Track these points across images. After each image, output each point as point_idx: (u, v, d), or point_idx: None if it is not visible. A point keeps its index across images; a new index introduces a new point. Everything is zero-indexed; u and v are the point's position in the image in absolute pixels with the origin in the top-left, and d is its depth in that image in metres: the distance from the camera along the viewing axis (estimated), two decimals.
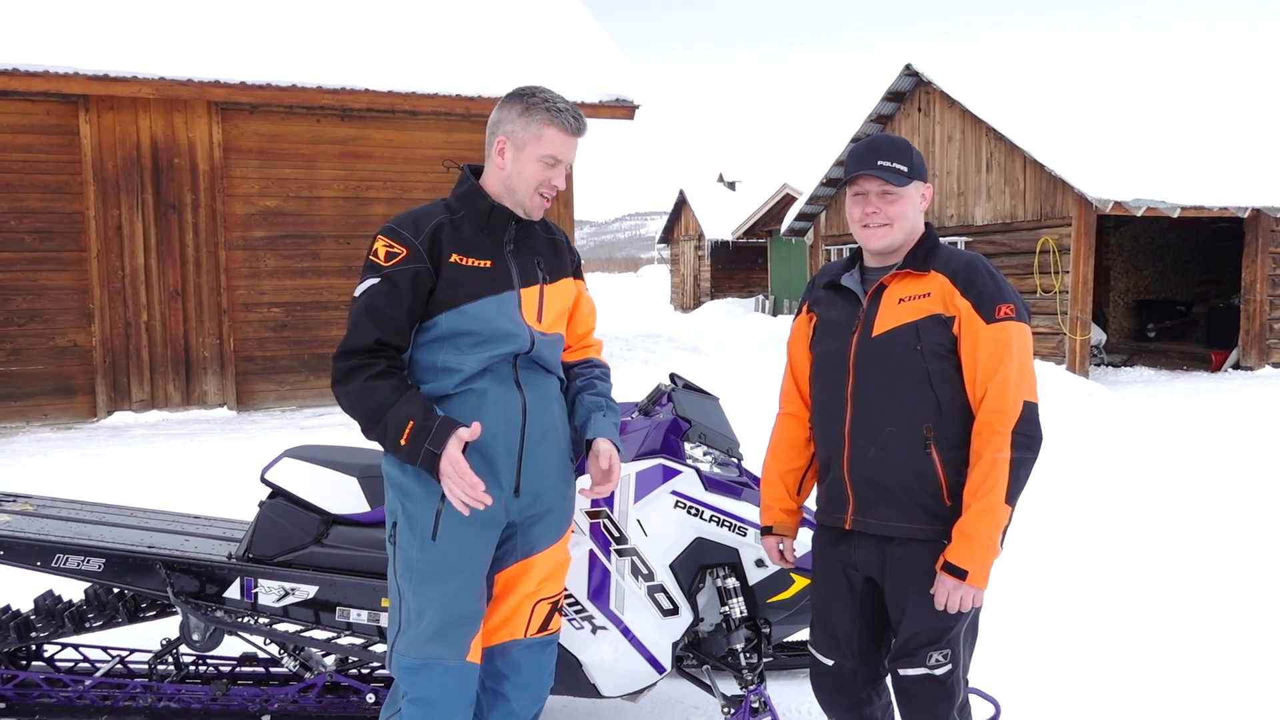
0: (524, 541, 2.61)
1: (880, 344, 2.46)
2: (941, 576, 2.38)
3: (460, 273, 2.46)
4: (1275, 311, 14.87)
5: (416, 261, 2.43)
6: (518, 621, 2.66)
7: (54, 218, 10.28)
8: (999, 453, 2.33)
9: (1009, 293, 2.44)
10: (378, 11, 11.98)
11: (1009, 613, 4.49)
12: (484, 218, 2.52)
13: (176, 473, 7.51)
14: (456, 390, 2.47)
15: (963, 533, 2.35)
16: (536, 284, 2.57)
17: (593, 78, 11.88)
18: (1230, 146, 15.31)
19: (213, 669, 3.63)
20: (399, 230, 2.47)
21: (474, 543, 2.51)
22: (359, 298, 2.45)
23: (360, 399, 2.39)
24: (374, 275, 2.44)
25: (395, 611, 2.56)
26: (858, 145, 2.55)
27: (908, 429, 2.44)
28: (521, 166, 2.51)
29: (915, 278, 2.49)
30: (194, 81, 10.19)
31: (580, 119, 2.54)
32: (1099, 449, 8.55)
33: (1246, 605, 4.70)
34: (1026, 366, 2.41)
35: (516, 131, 2.51)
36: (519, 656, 2.67)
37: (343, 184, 11.33)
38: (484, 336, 2.46)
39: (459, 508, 2.37)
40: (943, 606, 2.38)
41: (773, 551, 2.78)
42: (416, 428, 2.34)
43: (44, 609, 3.39)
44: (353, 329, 2.43)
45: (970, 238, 15.24)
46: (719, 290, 33.99)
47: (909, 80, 16.35)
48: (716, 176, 38.32)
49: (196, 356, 10.79)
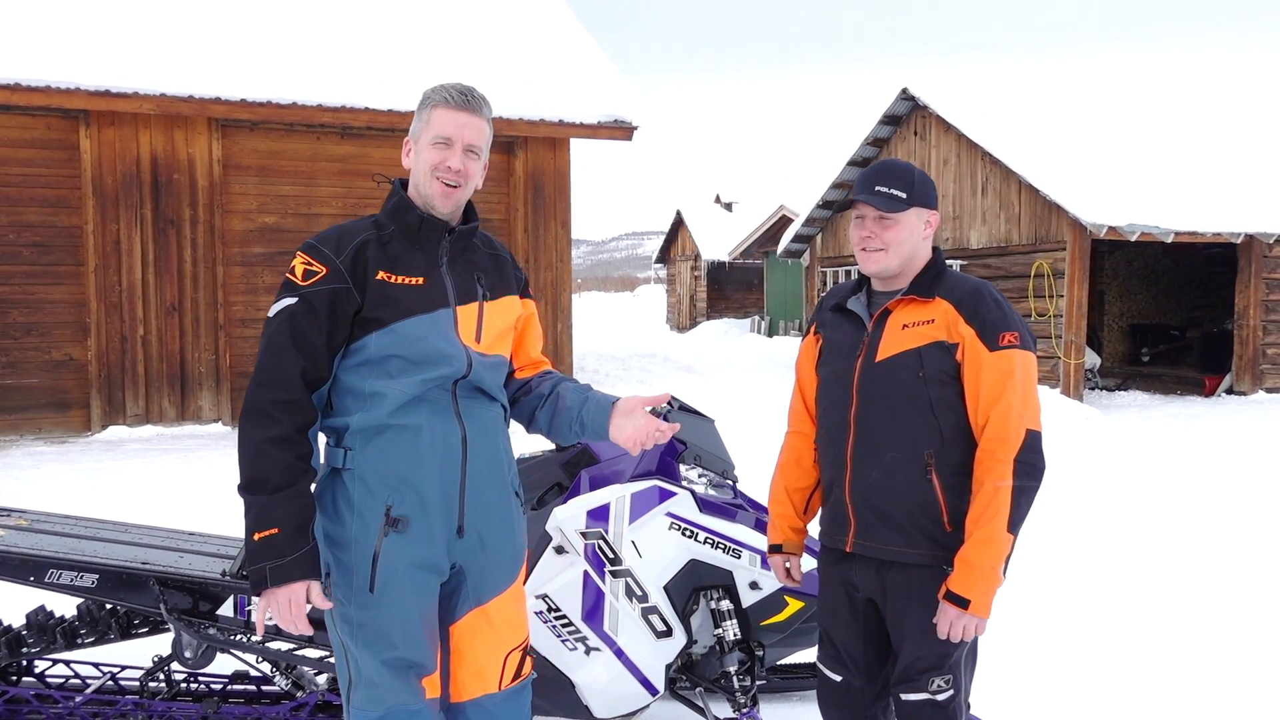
0: (474, 589, 2.41)
1: (883, 369, 2.48)
2: (944, 606, 2.38)
3: (388, 290, 2.28)
4: (1268, 337, 14.93)
5: (336, 281, 2.26)
6: (489, 676, 2.47)
7: (52, 232, 10.29)
8: (1001, 480, 2.34)
9: (1014, 320, 2.45)
10: (378, 31, 12.06)
11: (1009, 637, 4.48)
12: (414, 231, 2.34)
13: (171, 488, 7.49)
14: (390, 421, 2.27)
15: (965, 561, 2.36)
16: (475, 300, 2.39)
17: (591, 99, 11.96)
18: (1224, 172, 15.42)
19: (204, 687, 3.61)
20: (319, 247, 2.30)
21: (415, 592, 2.31)
22: (274, 318, 2.26)
23: (250, 455, 2.20)
24: (290, 295, 2.26)
25: (343, 664, 2.37)
26: (866, 169, 2.57)
27: (909, 454, 2.45)
28: (419, 156, 2.36)
29: (920, 304, 2.50)
30: (195, 98, 10.24)
31: (469, 94, 2.35)
32: (1094, 473, 8.56)
33: (1244, 627, 4.70)
34: (1030, 394, 2.42)
35: (415, 128, 2.39)
36: (495, 710, 2.49)
37: (341, 201, 11.37)
38: (415, 359, 2.27)
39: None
40: (945, 636, 2.38)
41: (779, 570, 2.78)
42: (275, 541, 2.17)
43: (36, 624, 3.38)
44: (272, 354, 2.24)
45: (965, 261, 15.30)
46: (715, 310, 34.05)
47: (905, 104, 16.45)
48: (714, 197, 38.47)
49: (192, 371, 10.78)
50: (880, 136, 17.11)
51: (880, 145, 17.20)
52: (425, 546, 2.31)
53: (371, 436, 2.29)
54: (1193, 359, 17.45)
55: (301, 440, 2.23)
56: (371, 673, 2.31)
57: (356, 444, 2.30)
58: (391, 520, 2.28)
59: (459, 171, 2.33)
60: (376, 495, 2.28)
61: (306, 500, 2.23)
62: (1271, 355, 14.99)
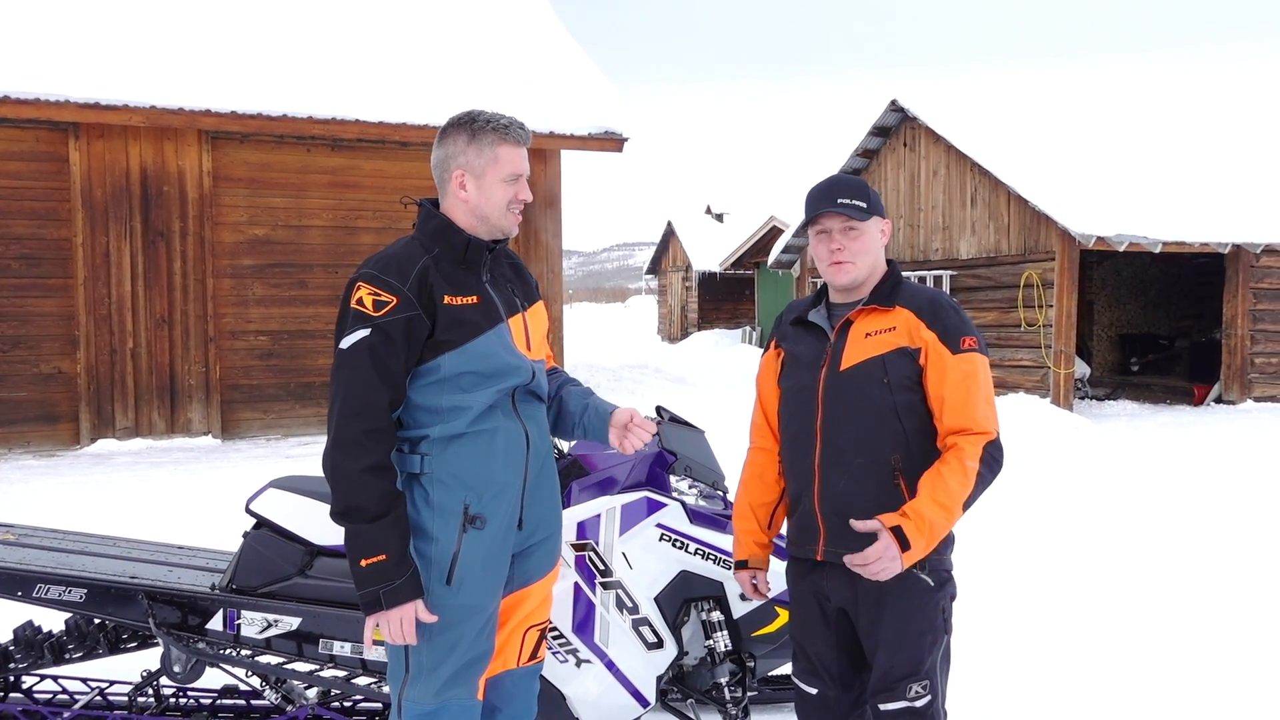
0: (521, 571, 2.58)
1: (848, 378, 2.52)
2: (884, 536, 2.36)
3: (455, 312, 2.39)
4: (1256, 346, 15.01)
5: (408, 309, 2.34)
6: (510, 651, 2.63)
7: (41, 244, 10.26)
8: (969, 460, 2.40)
9: (971, 327, 2.53)
10: (369, 43, 12.07)
11: (997, 644, 4.49)
12: (460, 253, 2.45)
13: (160, 502, 7.46)
14: (469, 430, 2.41)
15: (920, 514, 2.36)
16: (518, 312, 2.55)
17: (582, 110, 11.99)
18: (1211, 183, 15.52)
19: (194, 701, 3.60)
20: (382, 277, 2.36)
21: (490, 583, 2.46)
22: (351, 350, 2.32)
23: (347, 485, 2.30)
24: (364, 326, 2.32)
25: (399, 658, 2.46)
26: (815, 187, 2.61)
27: (876, 460, 2.48)
28: (489, 192, 2.47)
29: (881, 313, 2.55)
30: (185, 110, 10.23)
31: (525, 129, 2.51)
32: (1084, 482, 8.58)
33: (1232, 634, 4.71)
34: (990, 398, 2.49)
35: (471, 160, 2.46)
36: (512, 687, 2.65)
37: (332, 213, 11.37)
38: (488, 373, 2.41)
39: (366, 644, 2.46)
40: (862, 562, 2.35)
41: (746, 585, 2.79)
42: (384, 566, 2.29)
43: (23, 640, 3.36)
44: (359, 385, 2.31)
45: (955, 271, 15.36)
46: (706, 321, 34.10)
47: (895, 115, 16.53)
48: (704, 208, 38.56)
49: (182, 384, 10.75)
50: (870, 148, 17.18)
51: (870, 156, 17.27)
52: (498, 541, 2.46)
53: (449, 443, 2.42)
54: (1181, 368, 17.53)
55: (392, 466, 2.35)
56: (436, 669, 2.42)
57: (434, 450, 2.42)
58: (470, 518, 2.41)
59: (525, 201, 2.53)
60: (455, 495, 2.41)
61: (405, 524, 2.36)
62: (1260, 364, 15.07)
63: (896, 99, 16.25)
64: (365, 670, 3.27)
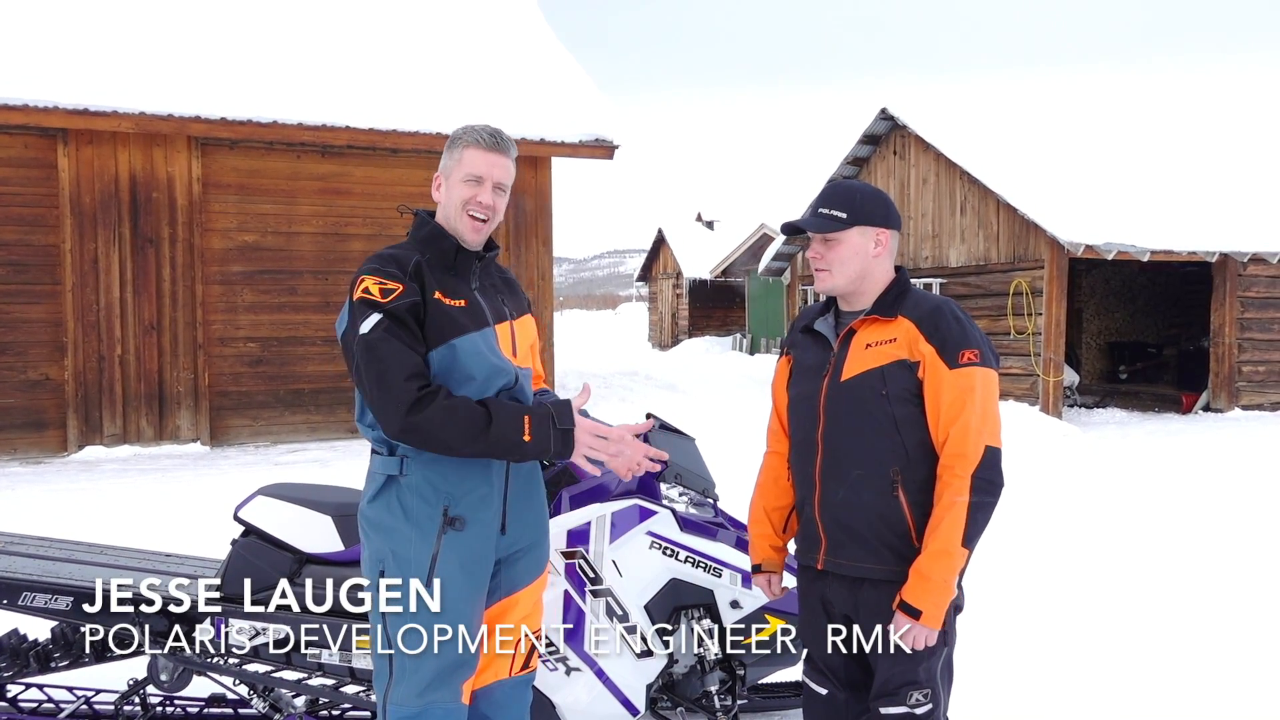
0: (508, 578, 2.60)
1: (848, 388, 2.51)
2: (897, 615, 2.43)
3: (444, 309, 2.45)
4: (1243, 355, 15.08)
5: (413, 295, 2.41)
6: (502, 661, 2.63)
7: (29, 250, 10.22)
8: (958, 496, 2.38)
9: (974, 338, 2.47)
10: (359, 50, 12.07)
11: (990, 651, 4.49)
12: (449, 258, 2.52)
13: (148, 509, 7.42)
14: None
15: (919, 573, 2.40)
16: (506, 320, 2.59)
17: (572, 118, 12.00)
18: (1199, 192, 15.61)
19: (181, 710, 3.58)
20: (385, 268, 2.44)
21: (470, 585, 2.48)
22: (369, 333, 2.37)
23: (451, 418, 2.33)
24: (374, 312, 2.38)
25: (384, 660, 2.49)
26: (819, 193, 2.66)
27: (875, 472, 2.48)
28: (451, 192, 2.55)
29: (883, 323, 2.53)
30: (174, 116, 10.21)
31: (498, 136, 2.56)
32: (1074, 490, 8.61)
33: (1222, 640, 4.73)
34: (990, 412, 2.44)
35: (445, 164, 2.58)
36: (503, 697, 2.65)
37: (322, 220, 11.35)
38: (472, 373, 2.45)
39: (621, 473, 2.49)
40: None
41: (765, 588, 2.82)
42: (535, 419, 2.39)
43: (8, 648, 3.34)
44: (392, 358, 2.35)
45: (945, 279, 15.41)
46: (697, 329, 34.11)
47: (885, 124, 16.59)
48: (695, 216, 38.59)
49: (170, 391, 10.70)
50: (860, 156, 17.24)
51: (860, 164, 17.33)
52: (478, 544, 2.48)
53: None
54: (1170, 376, 17.59)
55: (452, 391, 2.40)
56: (417, 671, 2.44)
57: (413, 451, 2.44)
58: (449, 520, 2.44)
59: (489, 206, 2.54)
60: (435, 497, 2.44)
61: (504, 402, 2.44)
62: (1247, 373, 15.14)
63: (886, 107, 16.31)
64: (353, 678, 3.25)
